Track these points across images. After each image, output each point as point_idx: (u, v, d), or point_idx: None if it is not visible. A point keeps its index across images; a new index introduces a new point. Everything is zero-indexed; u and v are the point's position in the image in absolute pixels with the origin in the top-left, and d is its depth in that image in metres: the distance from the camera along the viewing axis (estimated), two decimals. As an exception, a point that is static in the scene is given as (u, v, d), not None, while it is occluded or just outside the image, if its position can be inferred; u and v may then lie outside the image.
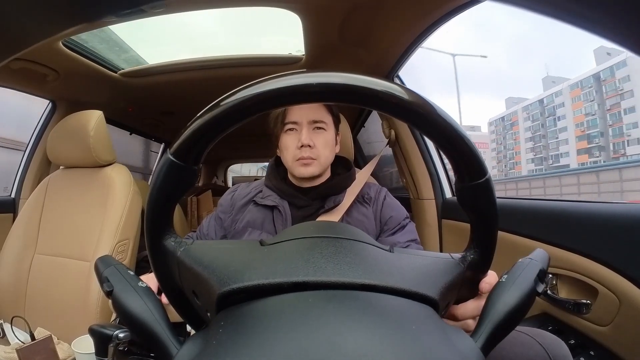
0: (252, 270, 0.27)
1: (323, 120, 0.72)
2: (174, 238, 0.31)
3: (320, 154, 0.72)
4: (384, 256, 0.30)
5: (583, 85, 7.04)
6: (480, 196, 0.29)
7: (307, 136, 0.70)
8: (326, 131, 0.73)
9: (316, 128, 0.72)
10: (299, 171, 0.72)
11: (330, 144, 0.74)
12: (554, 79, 11.41)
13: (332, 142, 0.75)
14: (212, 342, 0.22)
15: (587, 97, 6.92)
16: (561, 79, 9.36)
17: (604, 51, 8.69)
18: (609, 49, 7.94)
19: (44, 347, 0.85)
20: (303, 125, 0.71)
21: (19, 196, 1.36)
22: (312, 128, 0.72)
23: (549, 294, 0.73)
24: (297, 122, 0.71)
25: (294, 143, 0.71)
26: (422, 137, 1.25)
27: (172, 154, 0.27)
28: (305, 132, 0.70)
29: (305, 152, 0.70)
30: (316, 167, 0.72)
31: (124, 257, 1.03)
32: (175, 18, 0.97)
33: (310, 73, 0.25)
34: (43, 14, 0.25)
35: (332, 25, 0.96)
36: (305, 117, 0.71)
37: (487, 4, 0.77)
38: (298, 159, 0.71)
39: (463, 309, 0.35)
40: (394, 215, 0.74)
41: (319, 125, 0.72)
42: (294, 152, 0.71)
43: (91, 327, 0.54)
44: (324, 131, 0.73)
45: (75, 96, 1.39)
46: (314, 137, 0.71)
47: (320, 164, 0.72)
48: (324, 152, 0.72)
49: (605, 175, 2.66)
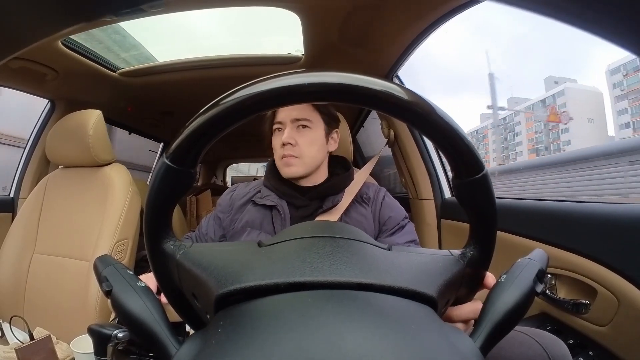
0: (249, 272, 0.27)
1: (307, 118, 0.72)
2: (173, 241, 0.31)
3: (303, 153, 0.72)
4: (381, 254, 0.30)
5: (534, 108, 8.18)
6: (478, 192, 0.29)
7: (288, 134, 0.71)
8: (311, 129, 0.73)
9: (300, 126, 0.72)
10: (282, 171, 0.74)
11: (318, 143, 0.74)
12: (516, 100, 12.25)
13: (319, 140, 0.74)
14: (211, 342, 0.22)
15: (536, 118, 8.13)
16: (523, 99, 10.17)
17: (552, 80, 9.67)
18: (557, 77, 9.09)
19: (43, 347, 0.85)
20: (287, 124, 0.72)
21: (17, 195, 1.36)
22: (296, 126, 0.72)
23: (548, 294, 0.74)
24: (282, 121, 0.73)
25: (278, 142, 0.73)
26: (422, 137, 1.25)
27: (168, 158, 0.27)
28: (287, 130, 0.71)
29: (286, 150, 0.71)
30: (299, 167, 0.72)
31: (123, 256, 1.03)
32: (174, 17, 0.96)
33: (308, 73, 0.25)
34: (42, 12, 0.25)
35: (331, 25, 0.96)
36: (288, 117, 0.72)
37: (486, 4, 0.77)
38: (282, 157, 0.72)
39: (459, 311, 0.35)
40: (392, 216, 0.74)
41: (302, 124, 0.72)
42: (279, 151, 0.73)
43: (90, 327, 0.54)
44: (308, 129, 0.73)
45: (74, 95, 1.38)
46: (297, 135, 0.72)
47: (304, 162, 0.72)
48: (308, 151, 0.72)
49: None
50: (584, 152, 3.81)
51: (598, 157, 2.37)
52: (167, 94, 1.55)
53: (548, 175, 3.04)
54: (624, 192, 2.18)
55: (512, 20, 37.01)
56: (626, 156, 2.12)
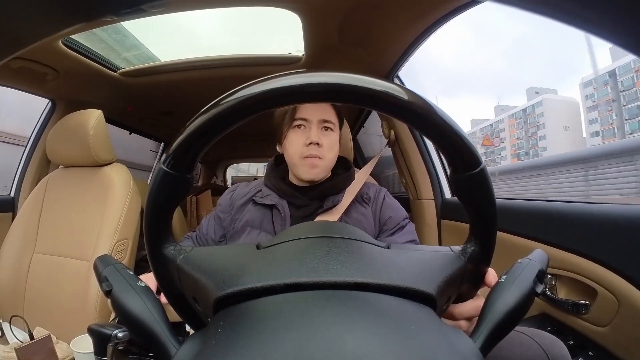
0: (247, 274, 0.27)
1: (331, 121, 0.72)
2: (173, 246, 0.31)
3: (326, 155, 0.71)
4: (380, 253, 0.30)
5: (517, 117, 8.60)
6: (477, 186, 0.29)
7: (317, 134, 0.70)
8: (334, 132, 0.73)
9: (324, 128, 0.72)
10: (305, 172, 0.71)
11: (336, 147, 0.74)
12: (502, 108, 12.67)
13: (337, 144, 0.74)
14: (211, 342, 0.22)
15: (518, 126, 8.55)
16: (509, 107, 10.60)
17: (533, 91, 10.35)
18: (538, 88, 9.78)
19: (42, 347, 0.85)
20: (313, 123, 0.70)
21: (18, 195, 1.36)
22: (322, 127, 0.72)
23: (548, 295, 0.74)
24: (307, 119, 0.71)
25: (301, 140, 0.71)
26: (422, 137, 1.25)
27: (165, 164, 0.27)
28: (315, 129, 0.70)
29: (313, 149, 0.70)
30: (322, 170, 0.72)
31: (123, 256, 1.03)
32: (174, 17, 0.96)
33: (308, 73, 0.25)
34: (43, 12, 0.25)
35: (332, 25, 0.96)
36: (316, 116, 0.71)
37: (486, 4, 0.77)
38: (305, 156, 0.70)
39: (461, 308, 0.35)
40: (393, 216, 0.74)
41: (327, 126, 0.72)
42: (301, 150, 0.70)
43: (90, 327, 0.54)
44: (331, 132, 0.73)
45: (74, 95, 1.38)
46: (322, 136, 0.71)
47: (325, 165, 0.72)
48: (329, 154, 0.72)
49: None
50: (560, 156, 4.14)
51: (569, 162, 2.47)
52: (168, 94, 1.55)
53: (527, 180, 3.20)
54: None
55: (497, 33, 37.17)
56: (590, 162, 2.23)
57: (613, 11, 0.16)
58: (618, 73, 4.75)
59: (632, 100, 4.66)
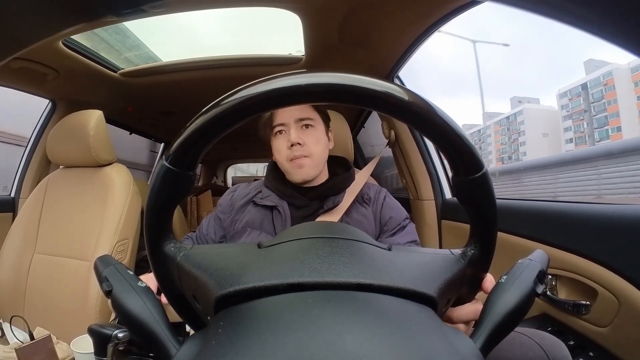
0: (248, 273, 0.27)
1: (310, 117, 0.72)
2: (173, 243, 0.31)
3: (312, 151, 0.71)
4: (381, 254, 0.30)
5: (501, 124, 9.11)
6: (478, 190, 0.29)
7: (296, 134, 0.70)
8: (315, 128, 0.73)
9: (304, 126, 0.72)
10: (294, 174, 0.72)
11: (322, 141, 0.74)
12: (489, 114, 13.26)
13: (323, 138, 0.74)
14: (212, 342, 0.22)
15: (502, 132, 9.03)
16: (496, 114, 11.10)
17: (516, 100, 10.89)
18: (521, 97, 10.35)
19: (43, 347, 0.85)
20: (290, 125, 0.71)
21: (18, 195, 1.36)
22: (300, 126, 0.72)
23: (549, 295, 0.73)
24: (285, 123, 0.71)
25: (284, 144, 0.71)
26: (422, 137, 1.25)
27: (167, 161, 0.27)
28: (294, 131, 0.70)
29: (296, 150, 0.70)
30: (311, 168, 0.72)
31: (123, 256, 1.03)
32: (175, 18, 0.97)
33: (309, 73, 0.25)
34: (43, 13, 0.25)
35: (332, 25, 0.96)
36: (292, 117, 0.71)
37: (486, 4, 0.77)
38: (291, 159, 0.71)
39: (459, 312, 0.35)
40: (393, 216, 0.74)
41: (306, 123, 0.72)
42: (286, 153, 0.71)
43: (90, 327, 0.54)
44: (312, 128, 0.73)
45: (75, 96, 1.38)
46: (303, 135, 0.71)
47: (314, 162, 0.72)
48: (316, 149, 0.72)
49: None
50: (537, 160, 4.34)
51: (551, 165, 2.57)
52: (168, 94, 1.55)
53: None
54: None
55: (484, 46, 37.56)
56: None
57: (613, 11, 0.16)
58: (589, 85, 5.14)
59: (601, 111, 5.04)
